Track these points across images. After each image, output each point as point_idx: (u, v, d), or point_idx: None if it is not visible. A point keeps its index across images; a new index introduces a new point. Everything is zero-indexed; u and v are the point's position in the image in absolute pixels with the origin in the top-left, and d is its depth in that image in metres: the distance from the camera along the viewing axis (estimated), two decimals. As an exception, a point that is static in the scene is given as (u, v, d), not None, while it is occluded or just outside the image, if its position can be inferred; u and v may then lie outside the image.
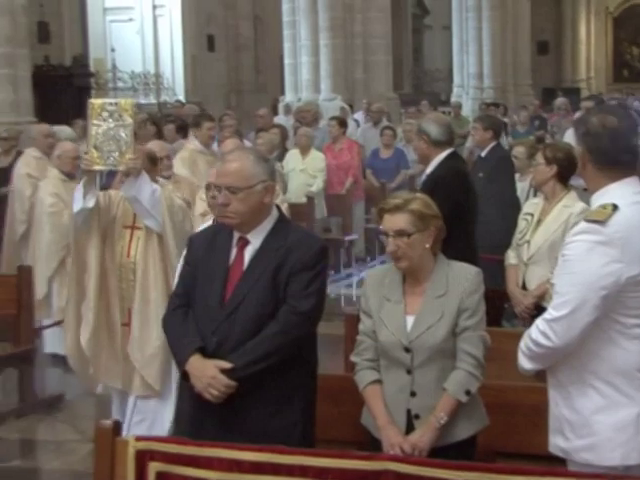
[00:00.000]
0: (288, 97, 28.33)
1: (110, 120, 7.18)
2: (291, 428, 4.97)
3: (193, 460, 4.30)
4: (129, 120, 7.19)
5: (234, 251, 5.12)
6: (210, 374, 4.90)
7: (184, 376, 5.05)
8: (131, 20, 35.90)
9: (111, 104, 7.27)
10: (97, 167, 7.31)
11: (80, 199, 7.36)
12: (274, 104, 27.70)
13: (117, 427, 4.50)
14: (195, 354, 4.98)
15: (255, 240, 5.10)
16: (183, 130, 14.57)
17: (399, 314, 5.06)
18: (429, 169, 8.05)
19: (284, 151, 15.07)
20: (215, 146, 12.72)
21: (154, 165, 7.94)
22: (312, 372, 5.20)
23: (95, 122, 7.20)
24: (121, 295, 7.72)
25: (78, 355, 7.77)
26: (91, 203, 7.36)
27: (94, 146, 7.19)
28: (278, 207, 5.30)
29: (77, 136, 14.23)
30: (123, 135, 7.14)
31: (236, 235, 5.14)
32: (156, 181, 7.74)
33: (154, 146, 9.65)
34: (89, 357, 7.71)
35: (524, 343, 4.60)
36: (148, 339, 7.54)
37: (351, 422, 5.39)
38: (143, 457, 4.35)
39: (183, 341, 5.06)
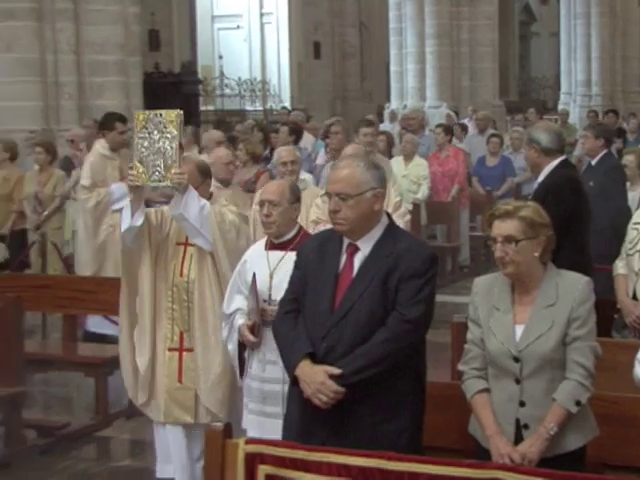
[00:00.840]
0: (393, 104, 28.35)
1: (155, 132, 6.85)
2: (399, 435, 4.95)
3: (303, 464, 4.32)
4: (175, 132, 6.83)
5: (344, 258, 5.12)
6: (319, 380, 4.90)
7: (293, 381, 5.06)
8: (239, 27, 36.21)
9: (156, 115, 6.89)
10: (141, 183, 6.96)
11: (128, 217, 6.99)
12: (379, 111, 27.72)
13: (228, 429, 4.53)
14: (305, 359, 4.99)
15: (365, 247, 5.10)
16: (296, 133, 14.64)
17: (508, 323, 5.02)
18: (540, 177, 7.96)
19: (389, 158, 15.06)
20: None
21: (206, 178, 7.45)
22: (421, 380, 5.17)
23: (140, 135, 6.87)
24: (172, 317, 7.29)
25: (136, 385, 7.41)
26: (139, 221, 7.00)
27: (139, 160, 6.87)
28: (388, 214, 5.29)
29: (186, 142, 14.34)
30: (168, 148, 6.81)
31: (346, 242, 5.14)
32: (208, 195, 7.36)
33: (283, 152, 10.03)
34: (148, 385, 7.32)
35: None
36: (211, 366, 7.20)
37: (458, 430, 5.36)
38: (253, 460, 4.38)
39: (293, 346, 5.07)
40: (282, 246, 6.35)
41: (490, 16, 29.32)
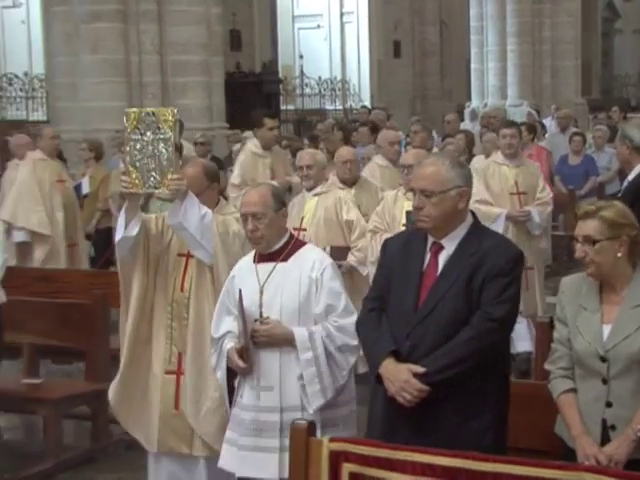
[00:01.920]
0: (474, 103, 28.32)
1: (148, 133, 6.16)
2: (483, 434, 4.93)
3: (387, 463, 4.30)
4: (169, 132, 6.12)
5: (428, 256, 5.11)
6: (403, 378, 4.89)
7: (377, 379, 5.06)
8: (319, 27, 36.30)
9: (148, 114, 6.21)
10: (136, 190, 6.28)
11: (122, 227, 6.40)
12: (460, 110, 27.60)
13: (312, 427, 4.53)
14: (389, 358, 4.98)
15: (449, 246, 5.08)
16: (376, 133, 14.65)
17: (595, 323, 4.97)
18: (631, 175, 7.89)
19: (470, 157, 14.98)
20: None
21: (212, 182, 6.79)
22: (505, 379, 5.15)
23: (132, 137, 6.21)
24: (170, 336, 6.67)
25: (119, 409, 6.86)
26: (134, 231, 6.37)
27: (132, 165, 6.20)
28: (473, 213, 5.26)
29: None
30: (163, 151, 6.12)
31: (430, 240, 5.13)
32: (215, 201, 6.76)
33: (302, 155, 9.93)
34: (118, 414, 6.86)
35: None
36: (205, 391, 6.55)
37: (542, 430, 5.31)
38: (337, 458, 4.37)
39: (377, 345, 5.07)
40: (271, 257, 5.91)
41: (572, 13, 29.15)
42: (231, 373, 5.94)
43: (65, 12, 16.63)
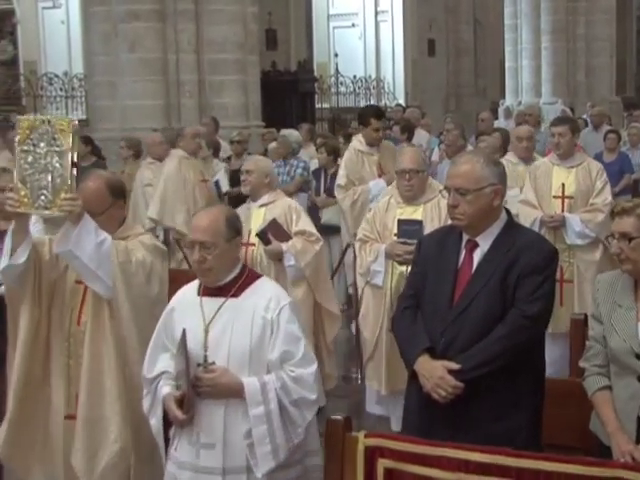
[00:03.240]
0: (508, 100, 28.25)
1: (42, 145, 5.27)
2: (516, 432, 4.91)
3: (423, 459, 4.29)
4: (65, 145, 5.23)
5: (463, 253, 5.10)
6: (438, 374, 4.89)
7: (412, 376, 5.05)
8: (354, 26, 36.34)
9: (43, 122, 5.28)
10: (23, 210, 5.29)
11: (7, 253, 5.41)
12: (494, 108, 27.54)
13: (348, 422, 4.53)
14: (424, 354, 4.98)
15: (484, 243, 5.06)
16: (409, 131, 14.66)
17: (631, 320, 4.94)
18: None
19: (503, 155, 14.93)
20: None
21: (118, 199, 5.74)
22: (540, 377, 5.13)
23: (23, 148, 5.29)
24: (68, 376, 5.69)
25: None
26: (22, 258, 5.39)
27: (21, 180, 5.27)
28: (507, 211, 5.24)
29: (303, 140, 14.41)
30: (57, 166, 5.22)
31: (465, 237, 5.12)
32: (119, 221, 5.73)
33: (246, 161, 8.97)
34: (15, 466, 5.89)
35: None
36: (103, 444, 5.55)
37: (577, 427, 5.28)
38: (373, 453, 4.37)
39: (412, 341, 5.07)
40: (220, 291, 4.95)
41: (608, 10, 29.08)
42: (167, 421, 4.99)
43: (104, 12, 16.72)
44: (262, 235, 7.96)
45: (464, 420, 4.92)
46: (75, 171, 5.26)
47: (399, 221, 7.65)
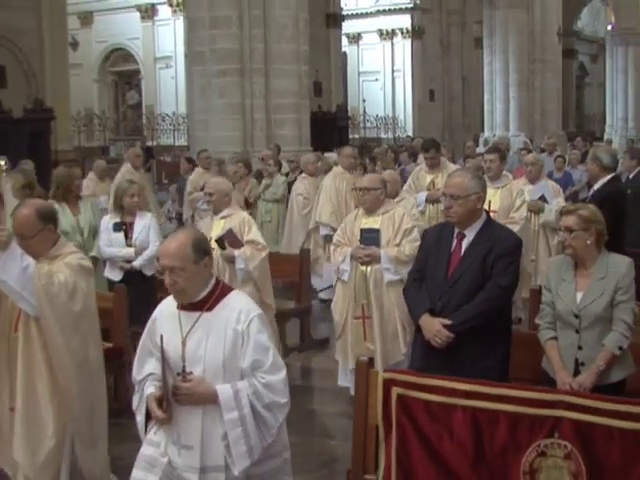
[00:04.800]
0: (486, 133, 28.13)
1: None
2: (491, 369, 4.89)
3: (424, 387, 4.31)
4: None
5: (454, 242, 5.09)
6: (436, 328, 4.91)
7: (417, 328, 5.05)
8: (377, 80, 36.41)
9: None
10: None
11: None
12: (475, 139, 27.38)
13: (371, 362, 4.54)
14: (426, 313, 4.99)
15: (469, 234, 5.05)
16: (414, 156, 14.62)
17: (571, 290, 4.94)
18: (596, 186, 7.80)
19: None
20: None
21: (47, 224, 4.86)
22: (508, 330, 5.13)
23: None
24: (9, 374, 4.96)
25: None
26: None
27: None
28: (486, 211, 5.22)
29: (334, 162, 14.35)
30: None
31: (456, 230, 5.11)
32: (50, 244, 4.83)
33: (208, 182, 7.98)
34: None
35: None
36: (40, 441, 4.81)
37: (533, 366, 5.27)
38: (389, 384, 4.39)
39: (418, 304, 5.07)
40: (196, 306, 4.06)
41: (556, 71, 29.02)
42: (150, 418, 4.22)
43: (201, 70, 16.77)
44: (220, 241, 7.38)
45: (454, 360, 4.91)
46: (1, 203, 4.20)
47: (361, 230, 7.15)
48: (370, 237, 7.07)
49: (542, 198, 9.20)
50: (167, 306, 4.16)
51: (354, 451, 4.60)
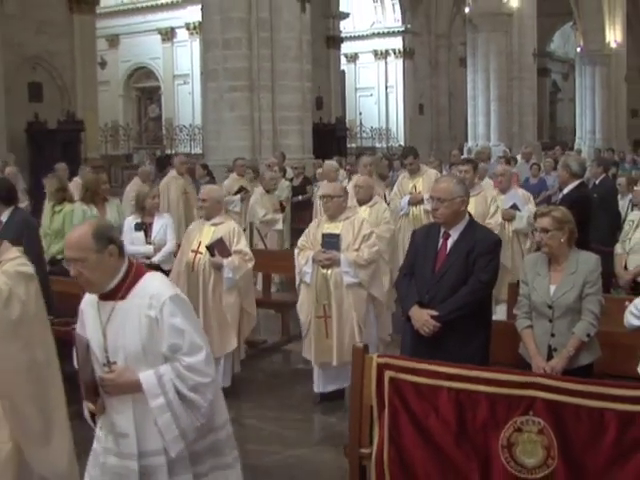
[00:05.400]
0: (470, 143, 28.11)
1: None
2: (475, 354, 4.89)
3: (412, 370, 4.29)
4: None
5: (441, 241, 5.08)
6: (424, 318, 4.89)
7: (407, 319, 5.04)
8: (371, 95, 36.37)
9: None
10: None
11: None
12: (460, 148, 27.37)
13: (366, 348, 4.53)
14: (415, 305, 4.98)
15: (454, 234, 5.04)
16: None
17: (545, 284, 4.94)
18: (565, 191, 7.80)
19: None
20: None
21: None
22: (488, 320, 5.12)
23: None
24: None
25: None
26: None
27: None
28: (469, 214, 5.20)
29: (336, 168, 14.33)
30: None
31: (442, 230, 5.09)
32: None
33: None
34: None
35: (635, 308, 4.42)
36: None
37: (511, 352, 5.27)
38: (382, 368, 4.36)
39: (408, 296, 5.05)
40: (110, 296, 3.62)
41: (532, 87, 29.10)
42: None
43: (215, 86, 16.73)
44: (210, 248, 6.98)
45: (440, 347, 4.91)
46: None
47: (323, 235, 6.79)
48: (331, 242, 6.76)
49: (514, 206, 8.85)
50: (90, 297, 3.72)
51: (350, 428, 4.59)
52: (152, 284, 3.63)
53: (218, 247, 7.01)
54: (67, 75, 21.36)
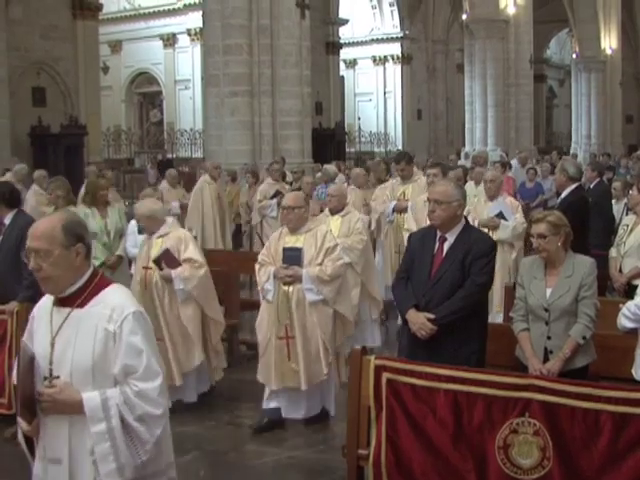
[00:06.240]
0: (467, 148, 28.13)
1: None
2: (471, 356, 4.86)
3: (410, 373, 4.30)
4: None
5: (437, 244, 5.05)
6: (421, 321, 4.85)
7: (404, 322, 5.02)
8: (370, 100, 36.43)
9: None
10: None
11: None
12: (458, 152, 27.43)
13: (364, 350, 4.52)
14: (412, 308, 4.94)
15: (450, 237, 5.01)
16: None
17: (542, 287, 4.93)
18: (563, 195, 7.77)
19: (465, 183, 14.82)
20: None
21: None
22: (484, 322, 5.09)
23: None
24: None
25: None
26: None
27: None
28: (465, 217, 5.19)
29: (334, 172, 14.32)
30: None
31: (438, 234, 5.07)
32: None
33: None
34: None
35: (627, 310, 4.41)
36: None
37: (508, 354, 5.25)
38: (379, 370, 4.38)
39: (405, 300, 5.01)
40: (67, 302, 3.13)
41: (528, 93, 29.16)
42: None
43: (216, 91, 16.73)
44: (157, 261, 6.51)
45: (437, 349, 4.86)
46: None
47: (284, 249, 6.16)
48: (292, 256, 6.14)
49: (500, 215, 8.17)
50: (44, 303, 3.25)
51: (349, 429, 4.58)
52: (115, 296, 3.16)
53: (165, 259, 6.52)
54: (70, 80, 21.39)
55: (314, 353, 6.16)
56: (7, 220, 6.51)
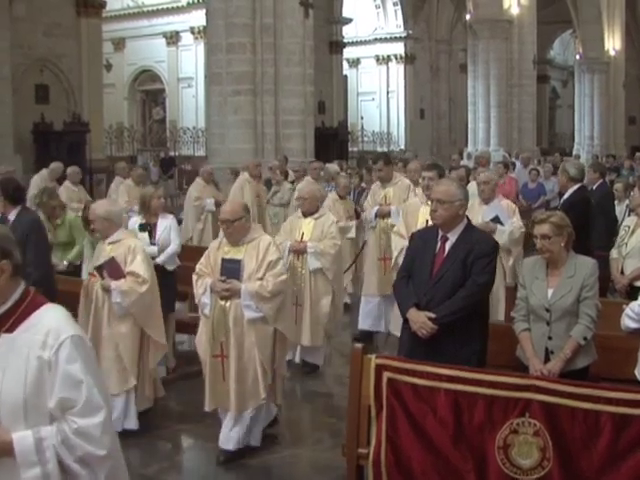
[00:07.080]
0: (470, 148, 28.10)
1: None
2: (472, 356, 4.86)
3: (411, 372, 4.30)
4: None
5: (439, 244, 5.05)
6: (421, 320, 4.85)
7: (405, 321, 5.02)
8: (373, 99, 36.43)
9: None
10: None
11: None
12: (460, 153, 27.42)
13: (365, 349, 4.52)
14: (413, 307, 4.94)
15: (452, 237, 5.01)
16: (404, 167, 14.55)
17: (543, 287, 4.92)
18: (565, 196, 7.78)
19: (467, 183, 14.81)
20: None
21: None
22: (485, 322, 5.09)
23: None
24: None
25: None
26: None
27: None
28: (467, 217, 5.19)
29: (335, 172, 14.31)
30: None
31: (440, 233, 5.07)
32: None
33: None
34: None
35: (631, 311, 4.41)
36: None
37: (508, 354, 5.25)
38: (380, 369, 4.38)
39: (406, 299, 5.01)
40: None
41: (531, 94, 29.13)
42: None
43: (219, 90, 16.75)
44: (99, 269, 6.04)
45: (437, 349, 4.87)
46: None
47: (222, 260, 5.64)
48: (231, 268, 5.62)
49: (496, 219, 7.59)
50: None
51: (349, 428, 4.59)
52: (50, 318, 2.67)
53: (108, 268, 6.02)
54: (73, 77, 21.40)
55: (251, 375, 5.60)
56: (11, 216, 6.48)
